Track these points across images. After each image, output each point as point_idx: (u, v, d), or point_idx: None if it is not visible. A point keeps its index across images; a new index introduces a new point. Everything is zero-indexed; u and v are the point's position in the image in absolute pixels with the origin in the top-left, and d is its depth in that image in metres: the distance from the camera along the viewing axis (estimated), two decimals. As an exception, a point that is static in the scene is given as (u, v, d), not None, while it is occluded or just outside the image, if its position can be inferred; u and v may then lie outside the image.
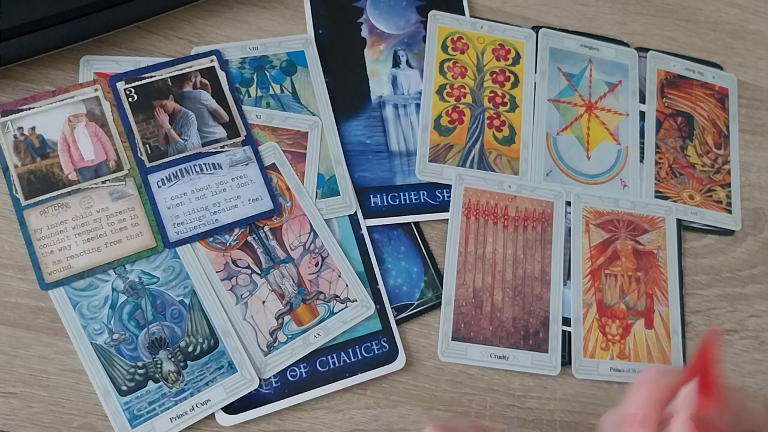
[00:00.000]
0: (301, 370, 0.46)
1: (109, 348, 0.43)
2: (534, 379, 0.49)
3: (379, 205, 0.50)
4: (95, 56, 0.48)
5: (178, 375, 0.44)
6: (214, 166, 0.48)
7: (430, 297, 0.49)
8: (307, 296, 0.47)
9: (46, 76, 0.47)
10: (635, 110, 0.57)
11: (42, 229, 0.44)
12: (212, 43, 0.51)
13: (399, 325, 0.48)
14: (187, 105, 0.48)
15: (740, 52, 0.62)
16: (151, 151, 0.47)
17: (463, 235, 0.50)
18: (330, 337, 0.46)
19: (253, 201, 0.47)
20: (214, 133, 0.48)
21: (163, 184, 0.46)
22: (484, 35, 0.55)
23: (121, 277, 0.45)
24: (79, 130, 0.46)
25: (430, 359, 0.48)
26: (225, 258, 0.46)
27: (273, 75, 0.51)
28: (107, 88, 0.47)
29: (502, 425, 0.31)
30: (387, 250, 0.49)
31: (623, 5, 0.60)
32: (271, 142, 0.49)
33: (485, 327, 0.49)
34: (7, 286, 0.44)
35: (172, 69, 0.49)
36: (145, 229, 0.46)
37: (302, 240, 0.48)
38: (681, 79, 0.59)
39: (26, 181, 0.45)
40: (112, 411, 0.43)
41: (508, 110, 0.54)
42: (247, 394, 0.44)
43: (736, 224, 0.57)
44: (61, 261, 0.44)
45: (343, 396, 0.46)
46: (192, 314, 0.45)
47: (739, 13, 0.63)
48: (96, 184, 0.46)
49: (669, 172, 0.56)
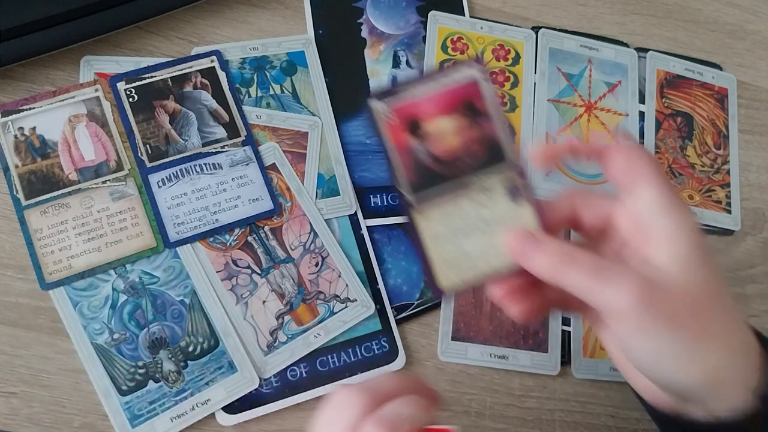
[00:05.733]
0: (301, 370, 0.46)
1: (109, 348, 0.43)
2: (534, 378, 0.49)
3: (379, 205, 0.50)
4: (96, 56, 0.48)
5: (179, 375, 0.44)
6: (215, 166, 0.48)
7: (430, 297, 0.49)
8: (307, 296, 0.47)
9: (46, 76, 0.48)
10: (635, 110, 0.57)
11: (42, 229, 0.44)
12: (212, 43, 0.51)
13: (399, 324, 0.48)
14: (188, 105, 0.48)
15: (740, 52, 0.62)
16: (152, 151, 0.47)
17: (463, 235, 0.50)
18: (330, 337, 0.46)
19: (253, 201, 0.48)
20: (215, 134, 0.48)
21: (163, 184, 0.47)
22: (484, 35, 0.56)
23: (122, 277, 0.45)
24: (79, 130, 0.46)
25: (430, 359, 0.48)
26: (225, 258, 0.46)
27: (273, 75, 0.51)
28: (108, 89, 0.47)
29: (456, 426, 0.31)
30: (387, 250, 0.50)
31: (623, 6, 0.60)
32: (271, 142, 0.49)
33: (485, 327, 0.49)
34: (7, 286, 0.44)
35: (172, 69, 0.49)
36: (146, 229, 0.46)
37: (302, 240, 0.48)
38: (680, 80, 0.59)
39: (27, 181, 0.45)
40: (113, 410, 0.43)
41: (508, 110, 0.54)
42: (248, 393, 0.44)
43: (735, 224, 0.57)
44: (62, 261, 0.44)
45: (343, 396, 0.46)
46: (192, 314, 0.45)
47: (738, 13, 0.63)
48: (96, 184, 0.46)
49: (668, 172, 0.56)
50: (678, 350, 0.30)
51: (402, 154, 0.33)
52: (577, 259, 0.31)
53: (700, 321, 0.31)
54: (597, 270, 0.31)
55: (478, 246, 0.33)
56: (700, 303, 0.31)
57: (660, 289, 0.30)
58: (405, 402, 0.32)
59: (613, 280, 0.30)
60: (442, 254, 0.33)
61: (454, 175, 0.33)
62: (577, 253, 0.31)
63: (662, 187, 0.32)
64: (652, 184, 0.31)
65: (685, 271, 0.31)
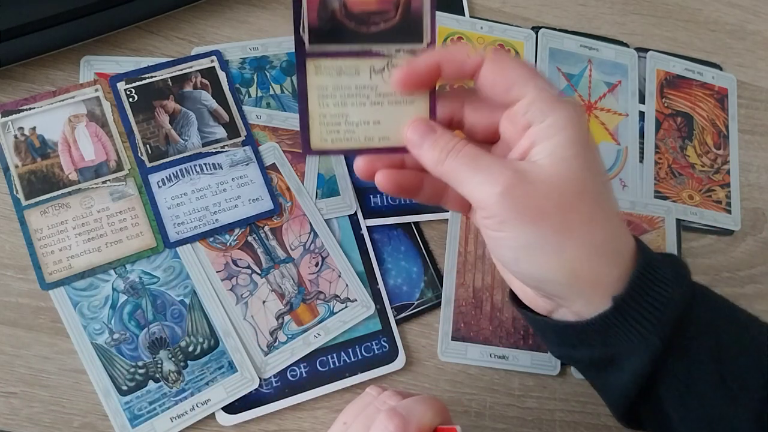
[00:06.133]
0: (301, 370, 0.46)
1: (109, 348, 0.43)
2: (534, 378, 0.49)
3: (379, 205, 0.50)
4: (96, 56, 0.48)
5: (179, 375, 0.44)
6: (215, 166, 0.48)
7: (430, 297, 0.49)
8: (307, 296, 0.47)
9: (46, 76, 0.48)
10: (635, 110, 0.57)
11: (42, 229, 0.44)
12: (212, 43, 0.51)
13: (399, 324, 0.48)
14: (188, 105, 0.48)
15: (740, 52, 0.62)
16: (152, 151, 0.47)
17: (463, 235, 0.50)
18: (330, 337, 0.46)
19: (253, 201, 0.48)
20: (215, 134, 0.48)
21: (163, 184, 0.47)
22: (484, 35, 0.56)
23: (122, 277, 0.45)
24: (79, 130, 0.46)
25: (430, 359, 0.48)
26: (225, 258, 0.46)
27: (273, 75, 0.51)
28: (108, 89, 0.47)
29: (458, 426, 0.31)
30: (387, 250, 0.50)
31: (623, 5, 0.60)
32: (271, 142, 0.49)
33: (485, 327, 0.49)
34: (7, 286, 0.44)
35: (172, 69, 0.49)
36: (146, 229, 0.46)
37: (302, 240, 0.48)
38: (680, 80, 0.59)
39: (27, 181, 0.45)
40: (113, 410, 0.43)
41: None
42: (248, 393, 0.44)
43: (735, 224, 0.57)
44: (62, 261, 0.44)
45: (343, 396, 0.46)
46: (192, 314, 0.45)
47: (738, 13, 0.63)
48: (96, 184, 0.46)
49: (668, 173, 0.56)
50: (538, 244, 0.30)
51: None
52: (459, 152, 0.31)
53: (562, 214, 0.30)
54: (472, 160, 0.31)
55: (362, 115, 0.32)
56: (565, 196, 0.30)
57: (526, 181, 0.30)
58: (420, 400, 0.32)
59: (482, 171, 0.30)
60: (322, 111, 0.32)
61: (361, 37, 0.31)
62: (462, 145, 0.31)
63: (539, 86, 0.31)
64: (528, 85, 0.31)
65: (556, 164, 0.30)
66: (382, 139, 0.32)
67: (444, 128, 0.32)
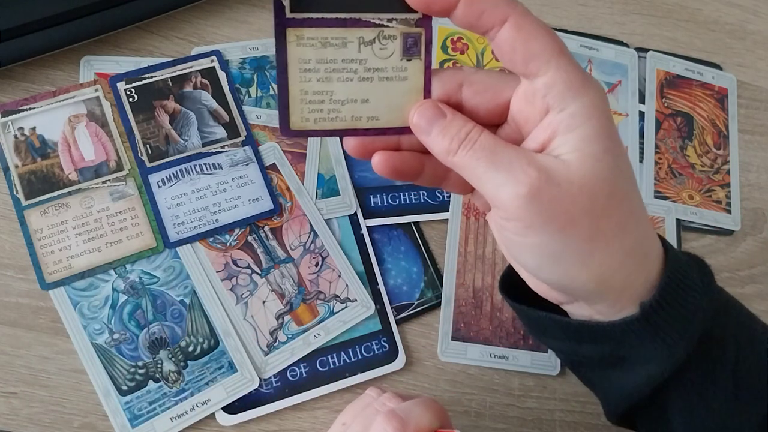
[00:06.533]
0: (301, 370, 0.46)
1: (109, 348, 0.43)
2: (534, 378, 0.49)
3: (379, 205, 0.50)
4: (96, 56, 0.48)
5: (179, 375, 0.44)
6: (215, 167, 0.48)
7: (430, 297, 0.49)
8: (307, 296, 0.47)
9: (46, 76, 0.48)
10: (635, 110, 0.57)
11: (42, 229, 0.44)
12: (212, 43, 0.51)
13: (399, 325, 0.48)
14: (188, 105, 0.48)
15: (739, 52, 0.62)
16: (152, 151, 0.47)
17: (463, 235, 0.50)
18: (330, 337, 0.46)
19: (253, 201, 0.48)
20: (215, 134, 0.48)
21: (163, 184, 0.47)
22: (484, 35, 0.55)
23: (122, 277, 0.45)
24: (79, 130, 0.46)
25: (430, 359, 0.48)
26: (225, 258, 0.46)
27: (273, 75, 0.51)
28: (108, 89, 0.47)
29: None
30: (387, 250, 0.50)
31: (623, 5, 0.60)
32: (271, 143, 0.49)
33: (485, 327, 0.49)
34: (7, 286, 0.44)
35: (172, 69, 0.49)
36: (146, 229, 0.46)
37: (302, 240, 0.48)
38: (680, 80, 0.59)
39: (27, 181, 0.45)
40: (113, 410, 0.43)
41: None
42: (248, 393, 0.44)
43: (735, 224, 0.57)
44: (62, 261, 0.44)
45: (343, 396, 0.46)
46: (192, 314, 0.45)
47: (738, 13, 0.63)
48: (96, 184, 0.46)
49: (668, 172, 0.56)
50: (566, 252, 0.27)
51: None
52: (474, 143, 0.27)
53: (592, 220, 0.27)
54: (490, 154, 0.27)
55: (348, 92, 0.29)
56: (596, 200, 0.27)
57: (553, 182, 0.26)
58: (419, 402, 0.32)
59: (503, 168, 0.27)
60: (304, 87, 0.28)
61: (350, 4, 0.28)
62: (476, 134, 0.28)
63: (562, 65, 0.27)
64: (551, 63, 0.27)
65: (584, 162, 0.27)
66: (371, 119, 0.29)
67: (454, 112, 0.29)
